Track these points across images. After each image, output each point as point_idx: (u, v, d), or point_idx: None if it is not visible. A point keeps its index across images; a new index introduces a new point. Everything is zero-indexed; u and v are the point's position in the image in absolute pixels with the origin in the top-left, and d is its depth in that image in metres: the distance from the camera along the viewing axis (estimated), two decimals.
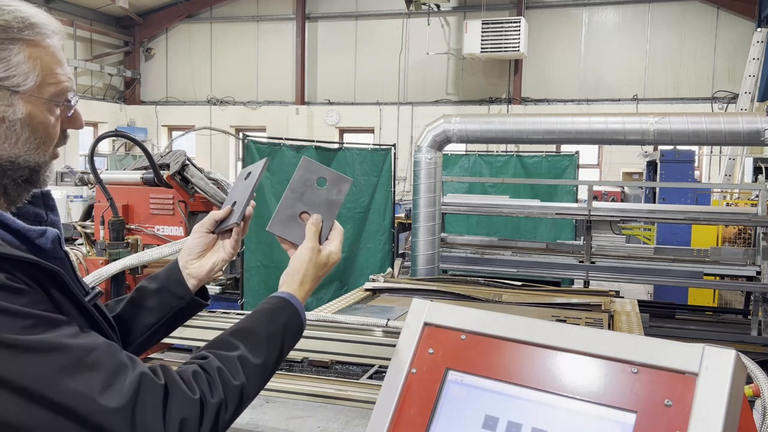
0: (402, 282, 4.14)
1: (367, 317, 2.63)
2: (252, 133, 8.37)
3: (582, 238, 7.30)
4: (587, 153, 14.31)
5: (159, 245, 3.54)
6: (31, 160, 1.05)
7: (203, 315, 2.40)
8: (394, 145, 8.01)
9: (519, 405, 1.19)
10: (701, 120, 5.38)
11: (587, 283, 6.65)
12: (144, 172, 5.48)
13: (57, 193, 8.88)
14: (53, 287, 0.98)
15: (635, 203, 11.49)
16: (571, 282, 7.86)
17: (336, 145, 8.08)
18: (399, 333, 1.39)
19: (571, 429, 1.13)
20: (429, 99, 15.67)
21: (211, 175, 5.59)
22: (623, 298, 3.84)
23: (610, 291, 4.00)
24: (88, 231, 5.03)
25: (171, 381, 0.98)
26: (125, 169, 6.32)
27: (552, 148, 11.76)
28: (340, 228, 1.34)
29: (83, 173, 6.22)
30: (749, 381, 1.60)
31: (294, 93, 16.66)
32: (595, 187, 8.77)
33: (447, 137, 5.83)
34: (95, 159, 4.62)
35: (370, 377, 2.43)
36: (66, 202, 9.99)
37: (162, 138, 17.59)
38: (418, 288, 3.75)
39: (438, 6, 14.68)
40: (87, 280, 2.54)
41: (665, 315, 6.82)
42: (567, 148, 10.78)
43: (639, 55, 14.51)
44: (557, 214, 6.95)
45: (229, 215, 1.37)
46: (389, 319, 2.44)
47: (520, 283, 4.10)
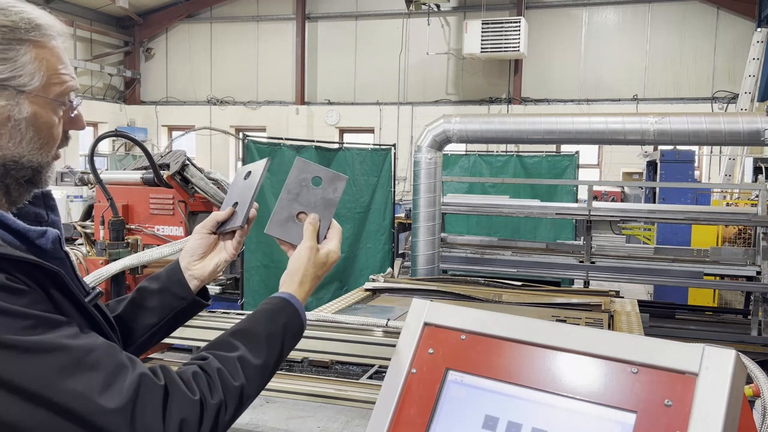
0: (402, 282, 4.13)
1: (367, 317, 2.62)
2: (252, 133, 8.37)
3: (582, 238, 7.30)
4: (587, 153, 14.31)
5: (159, 245, 3.54)
6: (35, 160, 1.05)
7: (203, 315, 2.40)
8: (394, 145, 8.01)
9: (519, 405, 1.19)
10: (701, 120, 5.38)
11: (587, 283, 6.65)
12: (144, 172, 5.49)
13: (57, 193, 8.87)
14: (53, 287, 0.98)
15: (635, 203, 11.49)
16: (571, 282, 7.86)
17: (336, 145, 8.08)
18: (399, 333, 1.39)
19: (571, 429, 1.13)
20: (429, 99, 15.67)
21: (211, 175, 5.59)
22: (623, 298, 3.84)
23: (610, 291, 4.00)
24: (88, 231, 5.03)
25: (171, 382, 0.99)
26: (125, 169, 6.32)
27: (552, 148, 11.76)
28: (338, 227, 1.34)
29: (83, 173, 6.22)
30: (749, 381, 1.60)
31: (294, 93, 16.66)
32: (595, 187, 8.77)
33: (447, 137, 5.83)
34: (95, 159, 4.62)
35: (370, 377, 2.42)
36: (66, 202, 10.00)
37: (162, 138, 17.59)
38: (418, 288, 3.74)
39: (438, 6, 14.68)
40: (87, 280, 2.54)
41: (665, 315, 6.82)
42: (567, 148, 10.78)
43: (639, 55, 14.51)
44: (557, 214, 6.95)
45: (232, 217, 1.36)
46: (389, 319, 2.44)
47: (520, 283, 4.10)
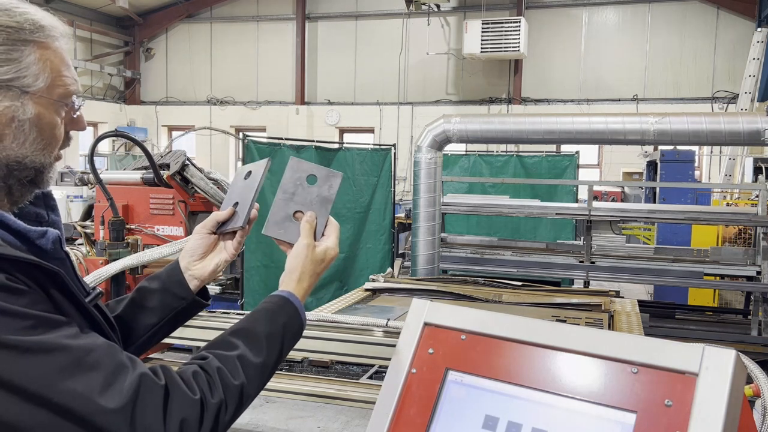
0: (402, 282, 4.13)
1: (367, 317, 2.62)
2: (252, 133, 8.37)
3: (582, 238, 7.30)
4: (587, 153, 14.31)
5: (159, 245, 3.54)
6: (37, 160, 1.06)
7: (203, 315, 2.39)
8: (394, 145, 8.00)
9: (519, 405, 1.19)
10: (701, 120, 5.38)
11: (587, 283, 6.65)
12: (144, 172, 5.49)
13: (57, 193, 8.85)
14: (53, 288, 0.98)
15: (635, 203, 11.48)
16: (571, 282, 7.86)
17: (336, 145, 8.08)
18: (399, 333, 1.38)
19: (571, 429, 1.13)
20: (429, 99, 15.67)
21: (211, 175, 5.59)
22: (623, 298, 3.84)
23: (610, 291, 4.00)
24: (88, 231, 5.03)
25: (171, 381, 0.99)
26: (125, 169, 6.32)
27: (552, 148, 11.76)
28: (335, 223, 1.34)
29: (83, 173, 6.22)
30: (749, 381, 1.60)
31: (294, 93, 16.66)
32: (595, 187, 8.76)
33: (447, 137, 5.83)
34: (95, 159, 4.62)
35: (370, 377, 2.42)
36: (66, 202, 10.01)
37: (162, 138, 17.59)
38: (418, 288, 3.74)
39: (438, 6, 14.68)
40: (87, 280, 2.54)
41: (665, 315, 6.82)
42: (567, 148, 10.78)
43: (639, 55, 14.51)
44: (557, 214, 6.95)
45: (232, 217, 1.36)
46: (389, 319, 2.43)
47: (520, 283, 4.09)
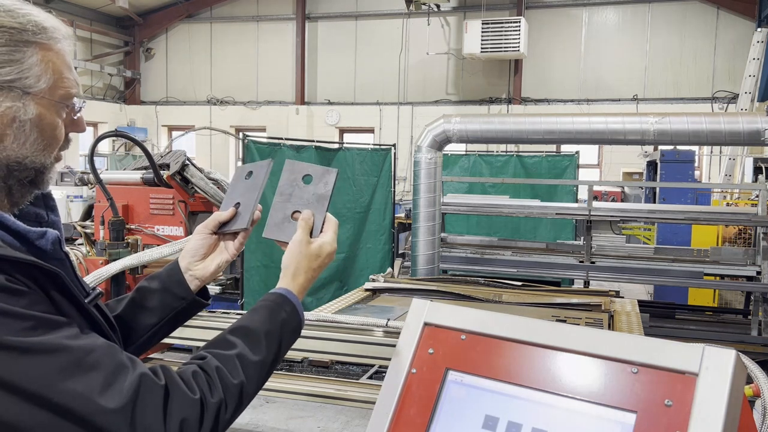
0: (402, 282, 4.13)
1: (367, 317, 2.62)
2: (252, 133, 8.37)
3: (582, 238, 7.29)
4: (587, 153, 14.31)
5: (159, 245, 3.54)
6: (38, 161, 1.06)
7: (203, 315, 2.39)
8: (394, 145, 8.00)
9: (519, 405, 1.19)
10: (701, 120, 5.38)
11: (587, 283, 6.64)
12: (144, 172, 5.49)
13: (57, 193, 8.88)
14: (53, 288, 0.98)
15: (635, 203, 11.48)
16: (571, 282, 7.85)
17: (336, 145, 8.08)
18: (399, 333, 1.39)
19: (571, 429, 1.13)
20: (429, 99, 15.66)
21: (211, 175, 5.60)
22: (623, 298, 3.84)
23: (610, 291, 4.00)
24: (88, 231, 5.03)
25: (171, 381, 0.99)
26: (125, 169, 6.32)
27: (552, 148, 11.76)
28: (333, 220, 1.34)
29: (83, 173, 6.23)
30: (749, 381, 1.60)
31: (294, 93, 16.66)
32: (595, 187, 8.76)
33: (447, 137, 5.83)
34: (95, 159, 4.62)
35: (370, 377, 2.42)
36: (66, 202, 10.01)
37: (162, 138, 17.59)
38: (418, 288, 3.74)
39: (438, 6, 14.68)
40: (87, 280, 2.54)
41: (665, 315, 6.82)
42: (567, 148, 10.78)
43: (639, 55, 14.51)
44: (557, 214, 6.95)
45: (234, 218, 1.36)
46: (389, 319, 2.43)
47: (520, 283, 4.09)
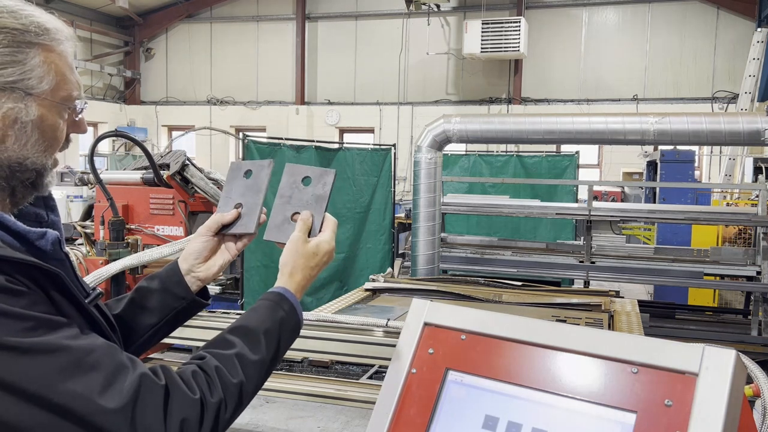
0: (402, 282, 4.13)
1: (367, 317, 2.62)
2: (252, 133, 8.37)
3: (582, 238, 7.29)
4: (587, 153, 14.31)
5: (159, 245, 3.54)
6: (39, 162, 1.06)
7: (203, 315, 2.39)
8: (394, 145, 8.00)
9: (519, 405, 1.19)
10: (701, 120, 5.38)
11: (587, 283, 6.64)
12: (144, 172, 5.49)
13: (57, 193, 8.87)
14: (53, 289, 0.98)
15: (635, 203, 11.48)
16: (571, 282, 7.85)
17: (336, 145, 8.08)
18: (399, 333, 1.39)
19: (571, 429, 1.13)
20: (429, 99, 15.66)
21: (211, 175, 5.60)
22: (623, 298, 3.84)
23: (610, 291, 4.00)
24: (88, 231, 5.03)
25: (171, 381, 0.99)
26: (125, 169, 6.32)
27: (552, 148, 11.76)
28: (332, 219, 1.35)
29: (83, 173, 6.23)
30: (749, 381, 1.60)
31: (294, 93, 16.66)
32: (595, 187, 8.75)
33: (447, 137, 5.83)
34: (95, 159, 4.62)
35: (370, 377, 2.43)
36: (66, 202, 10.01)
37: (162, 138, 17.59)
38: (418, 288, 3.74)
39: (438, 6, 14.68)
40: (87, 280, 2.53)
41: (665, 315, 6.82)
42: (567, 148, 10.78)
43: (639, 55, 14.51)
44: (557, 214, 6.95)
45: (238, 220, 1.37)
46: (389, 319, 2.43)
47: (520, 283, 4.09)
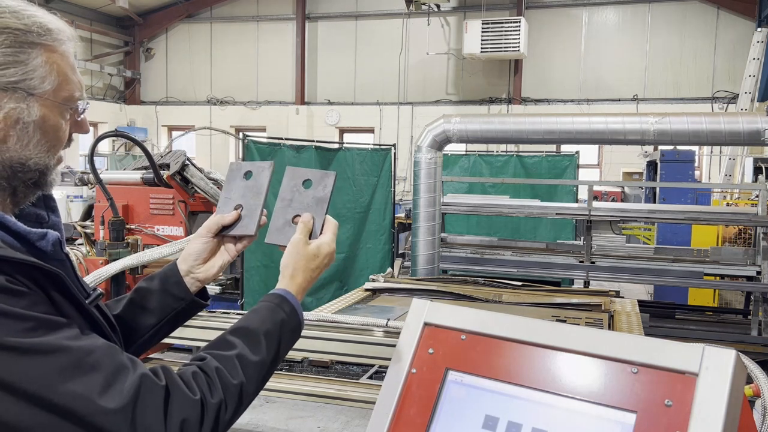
0: (402, 282, 4.13)
1: (367, 317, 2.62)
2: (252, 133, 8.37)
3: (582, 238, 7.29)
4: (587, 153, 14.30)
5: (159, 245, 3.54)
6: (41, 162, 1.06)
7: (203, 315, 2.39)
8: (394, 145, 8.00)
9: (519, 405, 1.19)
10: (701, 120, 5.38)
11: (587, 283, 6.64)
12: (144, 172, 5.49)
13: (57, 193, 8.85)
14: (54, 289, 0.98)
15: (635, 203, 11.48)
16: (571, 282, 7.85)
17: (336, 145, 8.08)
18: (399, 333, 1.39)
19: (571, 429, 1.13)
20: (429, 99, 15.66)
21: (211, 175, 5.60)
22: (623, 298, 3.84)
23: (610, 291, 4.00)
24: (88, 231, 5.03)
25: (172, 382, 0.99)
26: (125, 169, 6.32)
27: (552, 148, 11.76)
28: (332, 221, 1.35)
29: (83, 173, 6.23)
30: (749, 381, 1.60)
31: (294, 93, 16.66)
32: (595, 187, 8.75)
33: (447, 137, 5.83)
34: (95, 159, 4.62)
35: (370, 377, 2.43)
36: (66, 202, 10.01)
37: (162, 138, 17.59)
38: (418, 288, 3.74)
39: (438, 6, 14.68)
40: (87, 280, 2.53)
41: (665, 315, 6.82)
42: (567, 148, 10.78)
43: (639, 55, 14.51)
44: (557, 214, 6.95)
45: (238, 221, 1.37)
46: (389, 319, 2.43)
47: (520, 283, 4.10)
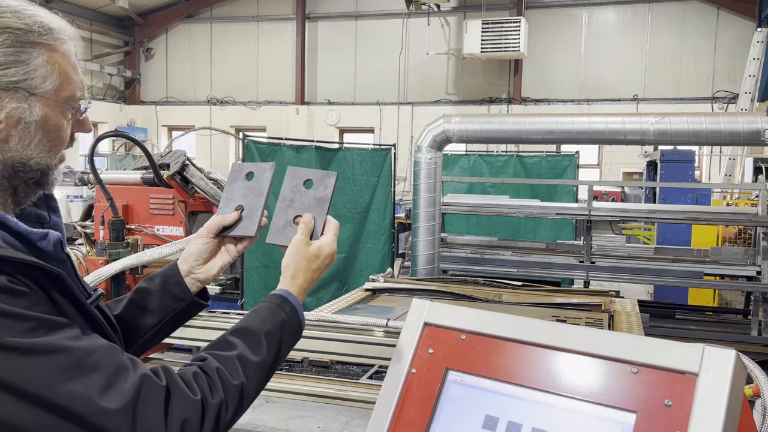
0: (402, 282, 4.13)
1: (367, 317, 2.62)
2: (252, 133, 8.37)
3: (582, 238, 7.29)
4: (587, 153, 14.30)
5: (159, 245, 3.54)
6: (43, 162, 1.06)
7: (203, 315, 2.40)
8: (394, 145, 8.00)
9: (519, 405, 1.19)
10: (701, 120, 5.38)
11: (587, 283, 6.64)
12: (144, 172, 5.49)
13: (57, 193, 8.86)
14: (55, 289, 0.98)
15: (635, 203, 11.48)
16: (571, 282, 7.85)
17: (336, 145, 8.08)
18: (399, 333, 1.39)
19: (571, 429, 1.13)
20: (429, 99, 15.66)
21: (211, 175, 5.60)
22: (623, 298, 3.84)
23: (610, 291, 4.00)
24: (88, 231, 5.03)
25: (172, 382, 0.99)
26: (125, 169, 6.32)
27: (552, 148, 11.76)
28: (333, 222, 1.35)
29: (83, 173, 6.22)
30: (749, 381, 1.60)
31: (294, 93, 16.66)
32: (595, 187, 8.75)
33: (447, 137, 5.83)
34: (95, 159, 4.62)
35: (370, 377, 2.43)
36: (66, 202, 10.01)
37: (162, 138, 17.59)
38: (418, 288, 3.74)
39: (438, 6, 14.68)
40: (87, 280, 2.53)
41: (665, 315, 6.82)
42: (567, 148, 10.78)
43: (639, 55, 14.51)
44: (557, 214, 6.95)
45: (238, 222, 1.37)
46: (389, 319, 2.43)
47: (520, 283, 4.09)
